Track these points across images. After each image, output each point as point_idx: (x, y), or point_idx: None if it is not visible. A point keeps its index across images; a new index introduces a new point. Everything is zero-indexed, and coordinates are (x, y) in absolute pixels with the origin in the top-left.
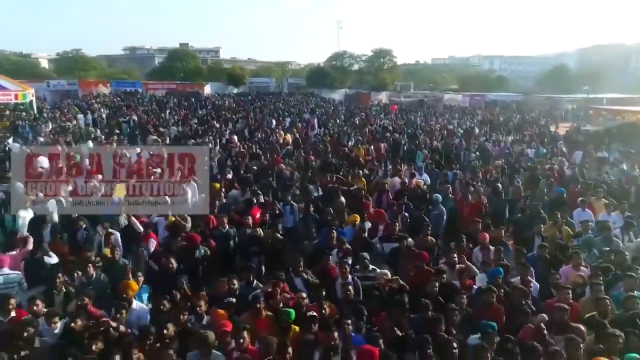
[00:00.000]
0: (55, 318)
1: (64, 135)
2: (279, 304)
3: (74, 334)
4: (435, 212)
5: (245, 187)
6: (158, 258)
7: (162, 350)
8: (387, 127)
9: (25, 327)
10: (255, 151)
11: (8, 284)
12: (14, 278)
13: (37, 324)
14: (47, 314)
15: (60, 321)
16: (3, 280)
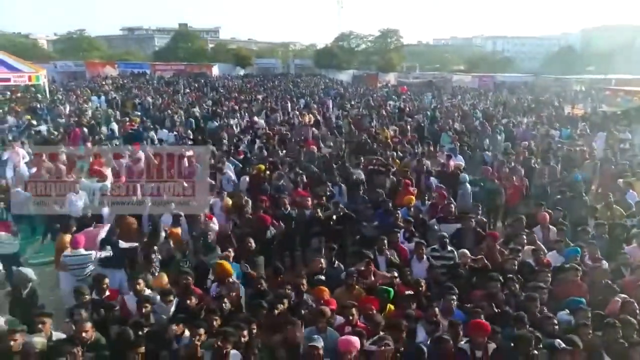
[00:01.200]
0: (170, 296)
1: (83, 117)
2: (377, 283)
3: (190, 310)
4: (461, 192)
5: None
6: (237, 238)
7: (284, 322)
8: (402, 109)
9: (144, 303)
10: (283, 133)
11: (83, 264)
12: (88, 258)
13: (154, 301)
14: (162, 292)
15: (175, 299)
16: (79, 261)
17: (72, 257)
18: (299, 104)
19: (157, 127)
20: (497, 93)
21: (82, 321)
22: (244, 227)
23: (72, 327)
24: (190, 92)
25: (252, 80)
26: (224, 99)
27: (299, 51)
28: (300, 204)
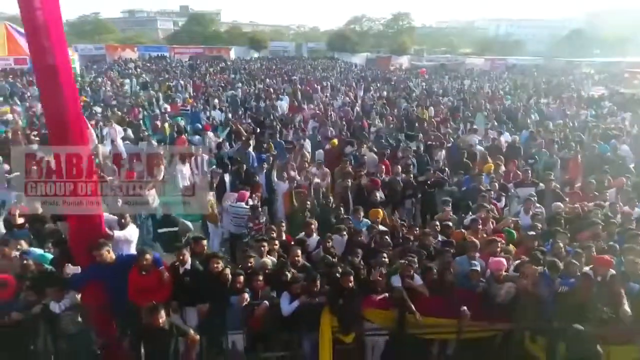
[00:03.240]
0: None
1: (134, 100)
2: (503, 227)
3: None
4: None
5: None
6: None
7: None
8: (430, 91)
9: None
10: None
11: (243, 215)
12: (246, 211)
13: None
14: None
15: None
16: (241, 212)
17: (236, 208)
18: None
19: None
20: (511, 76)
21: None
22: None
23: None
24: (214, 74)
25: (267, 64)
26: (252, 81)
27: (311, 34)
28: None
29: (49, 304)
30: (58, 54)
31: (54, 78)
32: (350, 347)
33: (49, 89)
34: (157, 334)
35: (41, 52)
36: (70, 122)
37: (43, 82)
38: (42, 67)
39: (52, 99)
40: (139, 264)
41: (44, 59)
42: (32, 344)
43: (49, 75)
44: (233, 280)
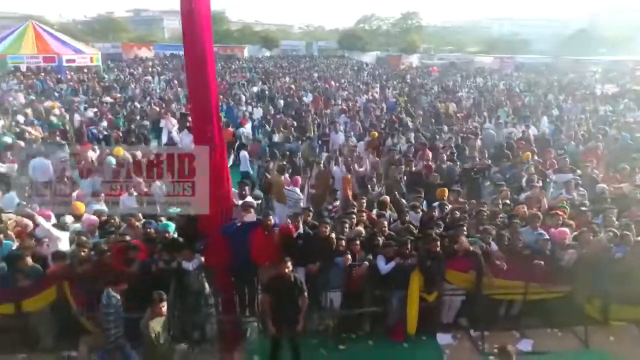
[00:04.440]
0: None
1: None
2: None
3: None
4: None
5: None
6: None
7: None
8: (446, 88)
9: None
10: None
11: (298, 199)
12: (298, 196)
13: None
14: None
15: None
16: (295, 196)
17: (291, 192)
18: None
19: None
20: (521, 74)
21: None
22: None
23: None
24: (232, 73)
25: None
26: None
27: (318, 33)
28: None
29: (181, 262)
30: (208, 52)
31: (204, 72)
32: (431, 305)
33: (198, 81)
34: (283, 284)
35: (193, 46)
36: (213, 108)
37: (193, 74)
38: (194, 60)
39: (200, 89)
40: (264, 224)
41: (196, 53)
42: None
43: (199, 68)
44: (337, 244)
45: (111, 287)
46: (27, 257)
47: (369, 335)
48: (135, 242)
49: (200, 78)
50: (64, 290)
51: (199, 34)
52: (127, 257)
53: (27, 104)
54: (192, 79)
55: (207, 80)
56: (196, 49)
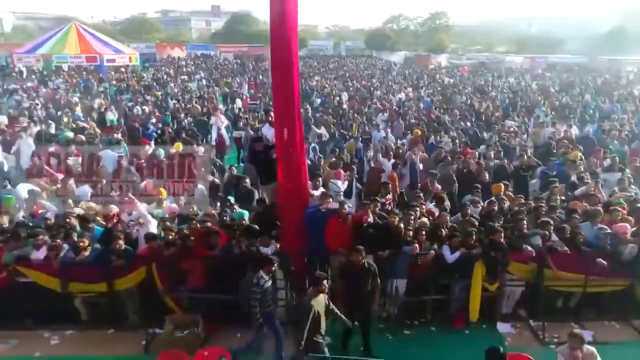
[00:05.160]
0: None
1: None
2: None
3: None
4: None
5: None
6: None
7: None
8: (479, 88)
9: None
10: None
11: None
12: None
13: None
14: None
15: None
16: (337, 189)
17: (333, 185)
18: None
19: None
20: (553, 74)
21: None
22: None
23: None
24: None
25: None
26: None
27: (344, 33)
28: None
29: (259, 248)
30: (294, 51)
31: (289, 70)
32: (492, 294)
33: (283, 79)
34: (357, 270)
35: (280, 46)
36: (295, 104)
37: (279, 72)
38: (280, 59)
39: (285, 87)
40: (339, 213)
41: (283, 52)
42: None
43: (284, 67)
44: (405, 234)
45: (262, 270)
46: (120, 239)
47: (430, 322)
48: (215, 228)
49: (286, 76)
50: (151, 272)
51: (286, 35)
52: (208, 242)
53: (77, 102)
54: (277, 76)
55: (291, 79)
56: (283, 48)
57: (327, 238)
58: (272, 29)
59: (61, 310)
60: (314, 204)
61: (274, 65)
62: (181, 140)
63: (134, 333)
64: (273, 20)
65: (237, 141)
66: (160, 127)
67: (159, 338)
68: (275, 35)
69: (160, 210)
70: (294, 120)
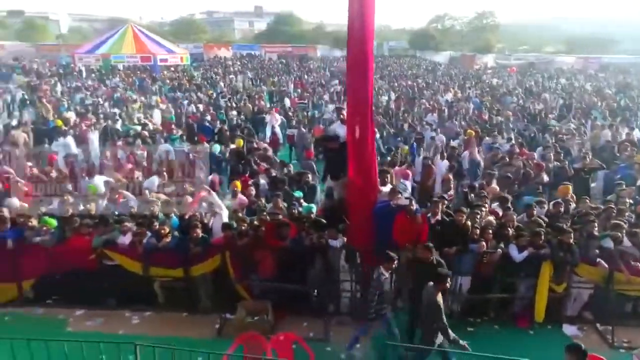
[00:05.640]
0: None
1: None
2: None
3: None
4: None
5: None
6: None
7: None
8: (529, 89)
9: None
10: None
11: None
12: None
13: None
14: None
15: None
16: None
17: (401, 184)
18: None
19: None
20: (608, 74)
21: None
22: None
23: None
24: (309, 72)
25: None
26: None
27: (385, 33)
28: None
29: (328, 240)
30: (369, 52)
31: (364, 70)
32: (559, 295)
33: (358, 78)
34: (425, 266)
35: (356, 46)
36: (369, 103)
37: (354, 71)
38: (356, 59)
39: (359, 86)
40: (407, 209)
41: (359, 52)
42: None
43: (360, 67)
44: (471, 232)
45: (383, 266)
46: (198, 228)
47: (494, 321)
48: (286, 220)
49: (361, 75)
50: (225, 260)
51: (363, 35)
52: (279, 234)
53: (136, 99)
54: (352, 75)
55: (366, 78)
56: (359, 48)
57: (395, 233)
58: (350, 30)
59: (141, 293)
60: (383, 200)
61: (350, 64)
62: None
63: (207, 317)
64: (351, 21)
65: (290, 139)
66: (215, 124)
67: (231, 322)
68: (352, 36)
69: (230, 202)
70: (366, 119)
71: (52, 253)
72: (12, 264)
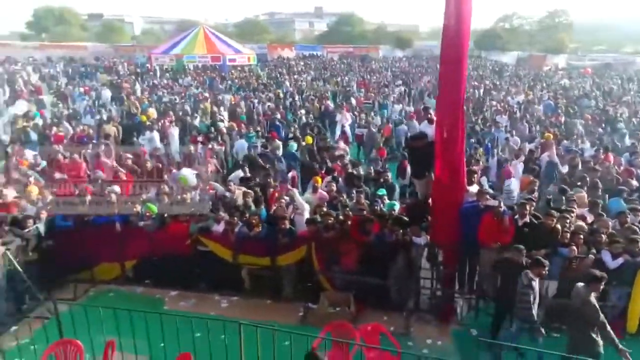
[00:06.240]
0: None
1: None
2: None
3: None
4: None
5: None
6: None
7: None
8: (609, 91)
9: None
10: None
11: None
12: None
13: None
14: None
15: None
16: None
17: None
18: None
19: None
20: None
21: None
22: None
23: None
24: (371, 72)
25: (415, 62)
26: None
27: None
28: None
29: (410, 237)
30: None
31: (458, 70)
32: None
33: (452, 78)
34: (512, 267)
35: (451, 46)
36: (461, 103)
37: (448, 71)
38: (451, 58)
39: (452, 86)
40: (495, 210)
41: (453, 52)
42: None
43: (454, 67)
44: (562, 236)
45: (532, 271)
46: (286, 220)
47: None
48: (369, 216)
49: (454, 75)
50: (310, 251)
51: (459, 34)
52: (364, 229)
53: (208, 98)
54: (445, 75)
55: (459, 78)
56: (454, 49)
57: (480, 234)
58: (445, 29)
59: (229, 278)
60: (470, 200)
61: (444, 64)
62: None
63: (289, 304)
64: (447, 21)
65: (359, 138)
66: (285, 122)
67: (314, 312)
68: (446, 35)
69: (310, 196)
70: (457, 119)
71: (152, 237)
72: (118, 246)
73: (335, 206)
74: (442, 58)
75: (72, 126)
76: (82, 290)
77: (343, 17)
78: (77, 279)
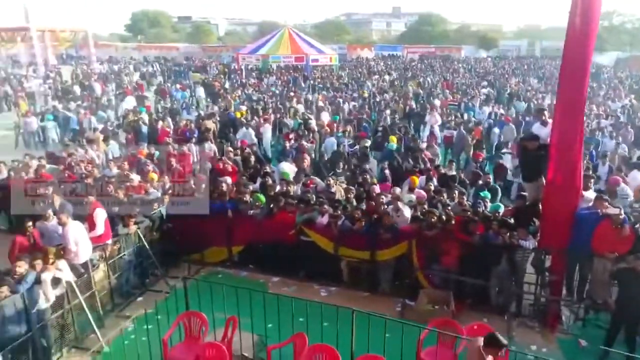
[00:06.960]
0: None
1: None
2: None
3: None
4: None
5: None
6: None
7: None
8: None
9: None
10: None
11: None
12: None
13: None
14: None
15: None
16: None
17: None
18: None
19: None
20: None
21: None
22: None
23: None
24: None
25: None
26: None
27: (535, 32)
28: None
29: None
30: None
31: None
32: None
33: (574, 80)
34: (635, 277)
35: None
36: (582, 106)
37: (570, 72)
38: (574, 59)
39: (575, 88)
40: (614, 218)
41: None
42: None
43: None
44: None
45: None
46: (388, 215)
47: None
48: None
49: (577, 76)
50: (411, 248)
51: (585, 36)
52: (467, 229)
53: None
54: (567, 77)
55: (583, 80)
56: (579, 50)
57: (594, 241)
58: (569, 29)
59: (328, 269)
60: (587, 206)
61: (566, 65)
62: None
63: (386, 298)
64: (571, 19)
65: (447, 139)
66: (371, 122)
67: (413, 308)
68: (571, 36)
69: (412, 195)
70: (577, 122)
71: (259, 225)
72: (228, 231)
73: (435, 206)
74: (564, 60)
75: (175, 121)
76: (195, 270)
77: (423, 16)
78: (188, 260)
